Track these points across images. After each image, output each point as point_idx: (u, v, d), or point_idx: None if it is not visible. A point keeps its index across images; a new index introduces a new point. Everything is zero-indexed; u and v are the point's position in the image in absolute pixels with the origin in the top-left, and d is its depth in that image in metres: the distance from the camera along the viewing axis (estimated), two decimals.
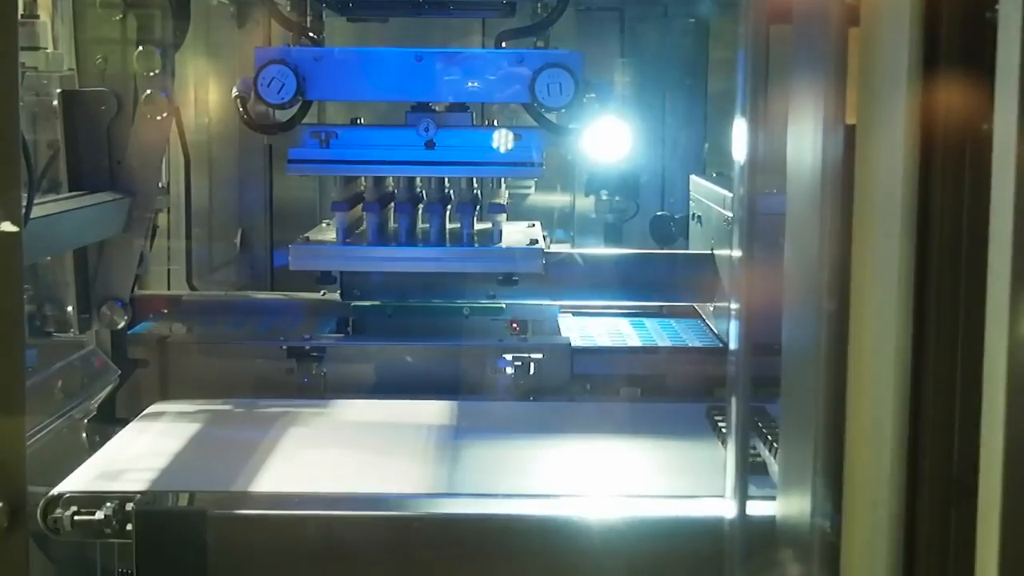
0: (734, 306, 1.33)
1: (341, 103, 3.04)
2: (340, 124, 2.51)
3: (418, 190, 2.52)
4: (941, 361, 1.19)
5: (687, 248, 2.87)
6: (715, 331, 2.51)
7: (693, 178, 2.78)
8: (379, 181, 2.47)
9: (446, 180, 2.49)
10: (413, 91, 2.40)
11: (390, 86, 2.39)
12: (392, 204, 2.48)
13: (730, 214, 2.35)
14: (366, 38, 3.06)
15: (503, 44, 2.50)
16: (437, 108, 2.45)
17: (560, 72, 2.33)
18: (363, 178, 2.49)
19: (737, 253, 1.33)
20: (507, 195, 2.71)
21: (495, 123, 2.54)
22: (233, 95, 2.34)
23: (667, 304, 2.69)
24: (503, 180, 2.71)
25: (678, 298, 2.68)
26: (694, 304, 2.71)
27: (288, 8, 2.48)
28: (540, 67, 2.34)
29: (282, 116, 2.40)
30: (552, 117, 2.40)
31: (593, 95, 2.43)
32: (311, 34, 2.51)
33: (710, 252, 2.58)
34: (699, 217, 2.68)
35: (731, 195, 2.34)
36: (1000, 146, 1.07)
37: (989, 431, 1.11)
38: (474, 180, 2.49)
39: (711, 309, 2.54)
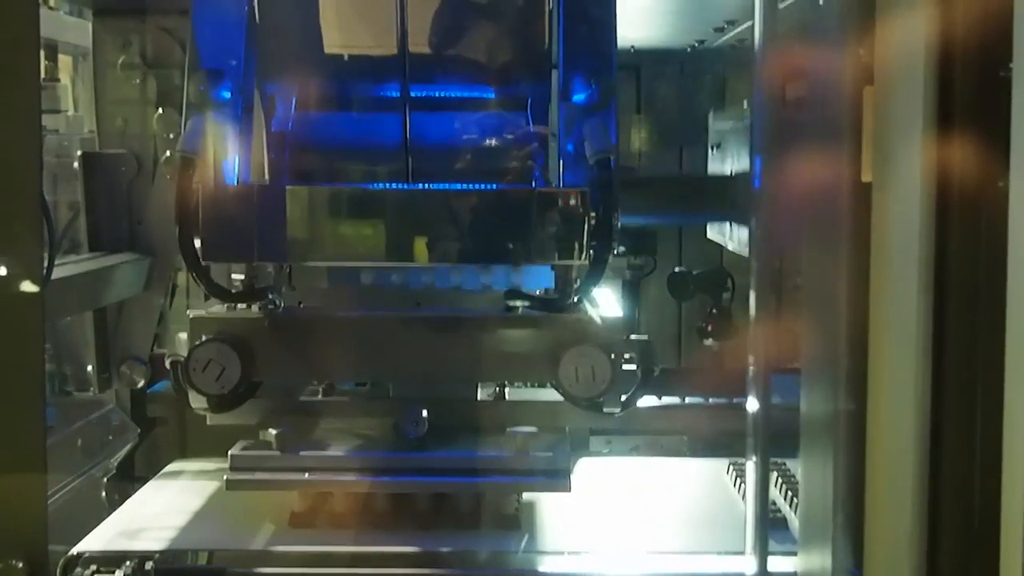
0: (751, 366, 1.33)
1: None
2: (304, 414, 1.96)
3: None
4: (961, 418, 1.19)
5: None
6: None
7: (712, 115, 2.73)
8: None
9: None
10: (400, 367, 1.88)
11: (367, 366, 1.90)
12: None
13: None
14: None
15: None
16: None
17: (592, 351, 1.79)
18: None
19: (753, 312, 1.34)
20: None
21: (506, 394, 2.08)
22: (167, 359, 1.88)
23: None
24: None
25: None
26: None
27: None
28: (566, 344, 1.80)
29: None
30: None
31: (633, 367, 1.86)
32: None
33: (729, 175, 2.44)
34: (718, 145, 2.62)
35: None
36: (1016, 202, 1.07)
37: (1010, 486, 1.11)
38: None
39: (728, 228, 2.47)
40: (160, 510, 1.96)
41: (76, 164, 2.32)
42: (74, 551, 1.76)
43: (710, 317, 2.73)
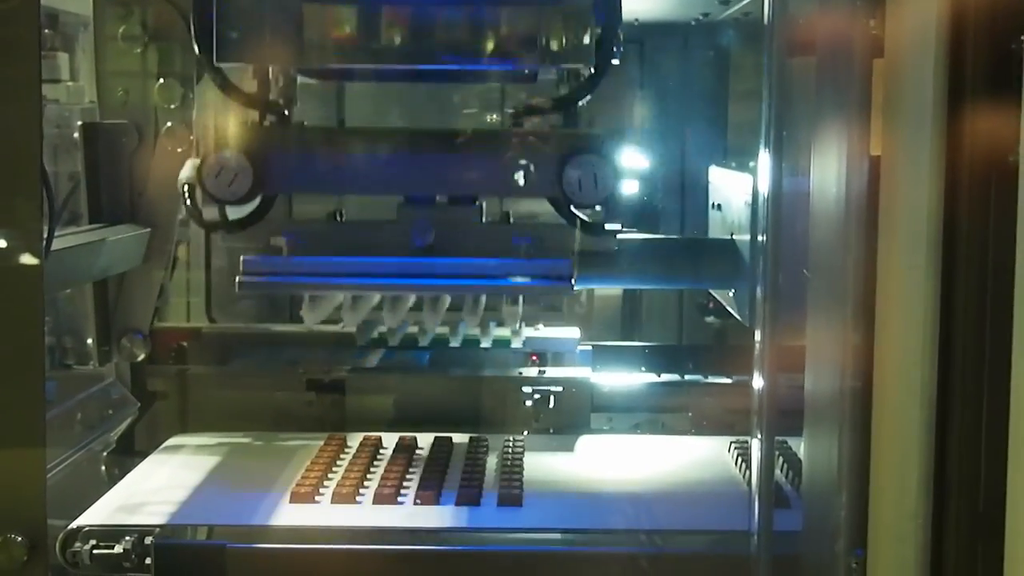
0: (757, 340, 1.32)
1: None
2: (313, 221, 2.12)
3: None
4: (967, 395, 1.18)
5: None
6: (738, 316, 2.43)
7: (713, 169, 2.73)
8: None
9: None
10: (404, 184, 1.95)
11: (377, 178, 1.94)
12: None
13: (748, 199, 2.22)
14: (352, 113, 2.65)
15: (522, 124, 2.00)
16: (438, 198, 2.01)
17: (595, 161, 1.90)
18: None
19: (760, 288, 1.33)
20: None
21: (510, 217, 2.14)
22: (180, 181, 1.95)
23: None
24: None
25: (701, 283, 2.59)
26: (712, 291, 2.64)
27: (249, 75, 1.95)
28: (568, 154, 1.90)
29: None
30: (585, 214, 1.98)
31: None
32: (280, 107, 1.96)
33: (731, 238, 2.48)
34: (719, 205, 2.62)
35: (751, 179, 2.19)
36: None
37: (1017, 466, 1.10)
38: None
39: (731, 295, 2.48)
40: (160, 485, 1.96)
41: (76, 135, 2.31)
42: (73, 525, 1.75)
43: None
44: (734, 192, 2.41)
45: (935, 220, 1.17)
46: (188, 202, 1.92)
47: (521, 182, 1.91)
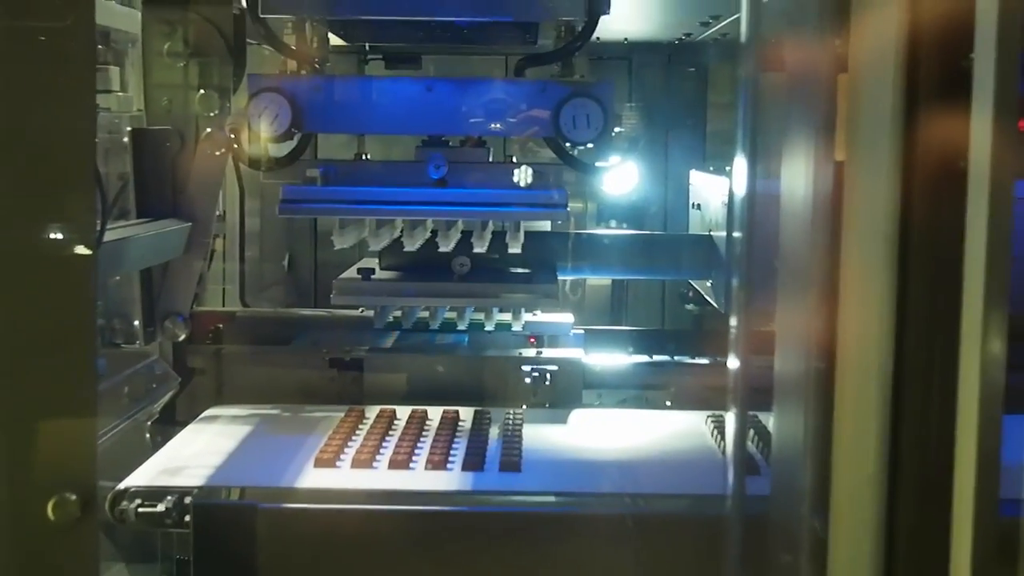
0: (732, 325, 1.32)
1: (347, 138, 2.62)
2: (342, 160, 2.21)
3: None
4: (919, 375, 1.18)
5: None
6: (715, 304, 2.44)
7: (693, 172, 2.74)
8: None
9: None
10: (422, 124, 2.06)
11: (397, 118, 2.05)
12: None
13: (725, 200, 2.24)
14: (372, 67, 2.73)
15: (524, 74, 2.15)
16: (451, 143, 2.14)
17: (587, 103, 1.99)
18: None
19: (735, 279, 1.32)
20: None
21: (515, 160, 2.25)
22: (226, 127, 2.15)
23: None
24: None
25: (681, 274, 2.60)
26: (692, 280, 2.65)
27: (289, 31, 2.10)
28: (565, 97, 2.01)
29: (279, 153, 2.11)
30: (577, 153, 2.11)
31: (621, 129, 2.20)
32: (314, 63, 2.13)
33: (709, 234, 2.49)
34: (699, 205, 2.63)
35: (728, 181, 2.22)
36: (975, 182, 1.07)
37: (963, 437, 1.10)
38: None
39: (708, 285, 2.49)
40: (198, 451, 1.96)
41: (126, 139, 2.31)
42: (121, 486, 1.75)
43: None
44: (712, 193, 2.41)
45: (892, 218, 1.16)
46: (234, 144, 2.06)
47: (523, 122, 2.01)
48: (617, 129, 2.12)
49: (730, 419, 1.35)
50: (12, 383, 1.29)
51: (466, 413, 2.16)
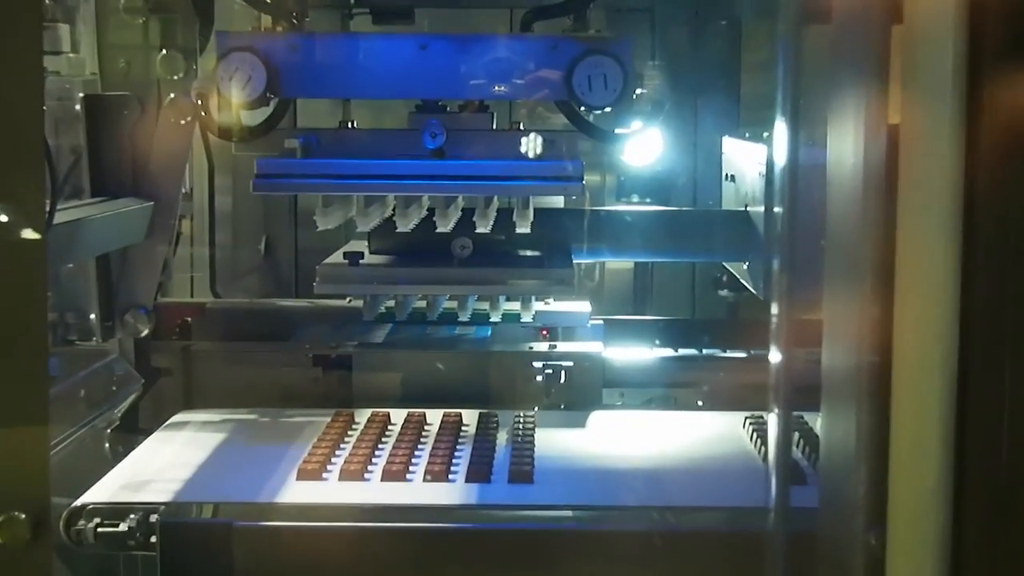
0: (773, 314, 1.31)
1: (331, 104, 2.56)
2: (325, 128, 2.15)
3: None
4: (989, 367, 1.17)
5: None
6: (752, 289, 2.44)
7: (726, 140, 2.73)
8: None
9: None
10: (416, 87, 2.03)
11: (388, 81, 2.01)
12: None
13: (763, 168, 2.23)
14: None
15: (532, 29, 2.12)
16: (449, 108, 2.10)
17: (604, 61, 1.95)
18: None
19: (776, 261, 1.32)
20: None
21: (522, 127, 2.16)
22: (192, 91, 2.13)
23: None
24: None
25: (713, 256, 2.60)
26: (725, 263, 2.64)
27: None
28: (579, 55, 1.97)
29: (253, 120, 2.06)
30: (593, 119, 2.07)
31: (643, 91, 2.12)
32: (292, 18, 2.10)
33: (744, 210, 2.46)
34: (733, 176, 2.62)
35: (766, 149, 2.21)
36: None
37: None
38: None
39: (745, 268, 2.48)
40: (165, 462, 1.96)
41: (78, 107, 2.31)
42: (78, 503, 1.76)
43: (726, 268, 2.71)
44: (748, 163, 2.41)
45: (956, 190, 1.16)
46: (200, 115, 2.02)
47: (531, 84, 1.97)
48: (639, 91, 2.05)
49: (772, 421, 1.34)
50: None
51: (470, 416, 2.16)
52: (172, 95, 2.29)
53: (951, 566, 1.20)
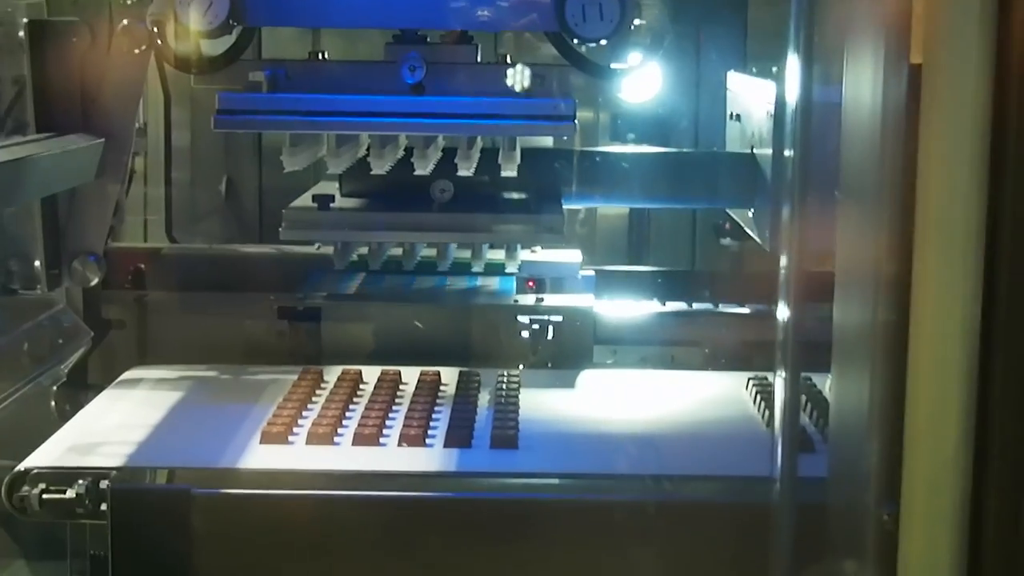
0: (781, 266, 1.31)
1: (299, 33, 2.47)
2: (293, 60, 2.13)
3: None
4: (1014, 329, 1.18)
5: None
6: (757, 239, 2.43)
7: (731, 75, 2.72)
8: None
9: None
10: (393, 15, 2.02)
11: (362, 7, 2.01)
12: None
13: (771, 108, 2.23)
14: None
15: None
16: (429, 38, 2.09)
17: None
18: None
19: (785, 208, 1.32)
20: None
21: (508, 60, 2.14)
22: (147, 18, 2.09)
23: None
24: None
25: (716, 202, 2.59)
26: (729, 210, 2.64)
27: None
28: None
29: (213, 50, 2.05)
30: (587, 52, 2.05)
31: (642, 22, 2.09)
32: None
33: (750, 152, 2.45)
34: (738, 116, 2.61)
35: (775, 86, 2.20)
36: None
37: None
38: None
39: (750, 215, 2.48)
40: (116, 423, 1.96)
41: (21, 33, 2.29)
42: (21, 467, 1.75)
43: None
44: (755, 101, 2.40)
45: (981, 133, 1.16)
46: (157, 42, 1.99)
47: (519, 11, 1.96)
48: (637, 21, 2.01)
49: (778, 383, 1.35)
50: None
51: (449, 375, 2.16)
52: (125, 21, 2.27)
53: (970, 544, 1.21)
